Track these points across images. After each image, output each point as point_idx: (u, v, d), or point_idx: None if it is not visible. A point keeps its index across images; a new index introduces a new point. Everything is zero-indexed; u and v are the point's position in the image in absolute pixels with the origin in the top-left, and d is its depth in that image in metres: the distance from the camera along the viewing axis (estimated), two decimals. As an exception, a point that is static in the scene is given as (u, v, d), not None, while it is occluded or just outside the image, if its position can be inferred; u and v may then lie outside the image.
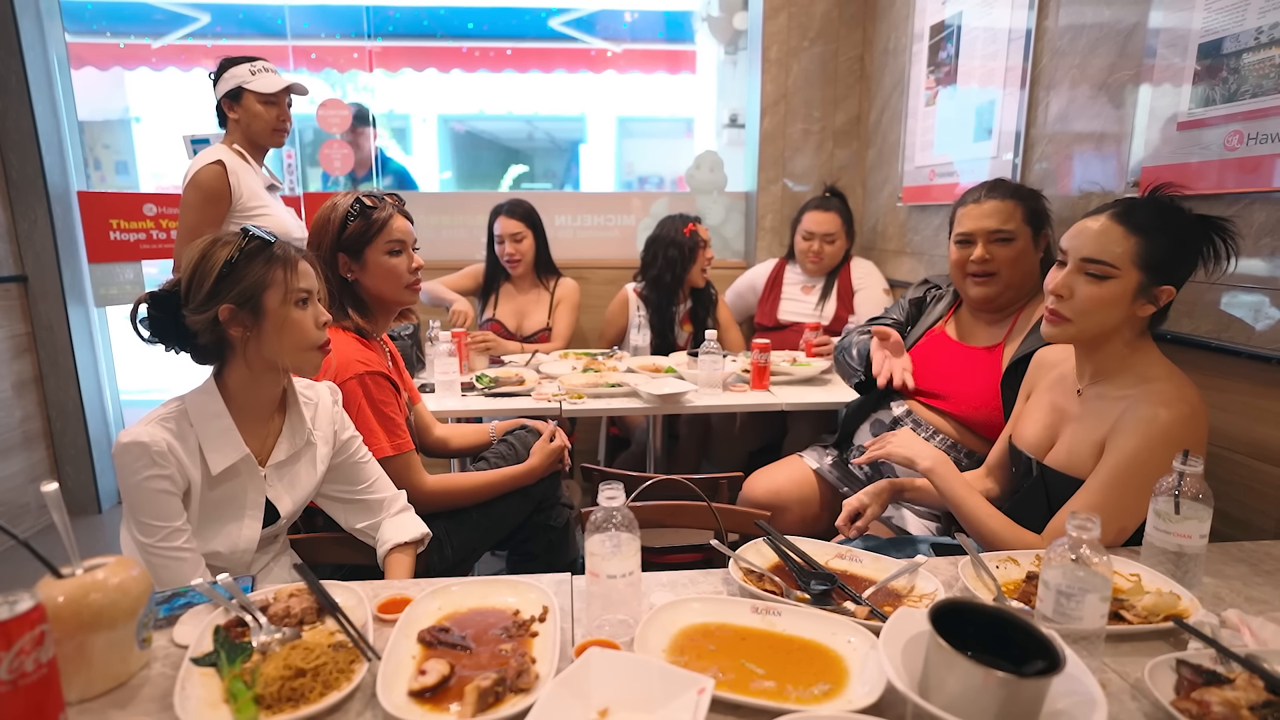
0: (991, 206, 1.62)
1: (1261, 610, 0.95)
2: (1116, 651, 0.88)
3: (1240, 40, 1.35)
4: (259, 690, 0.76)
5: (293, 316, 1.16)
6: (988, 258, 1.61)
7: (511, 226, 2.68)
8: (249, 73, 2.14)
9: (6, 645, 0.66)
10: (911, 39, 2.65)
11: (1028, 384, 1.41)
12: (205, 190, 2.07)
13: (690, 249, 2.63)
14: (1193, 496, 0.98)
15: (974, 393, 1.62)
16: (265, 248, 1.14)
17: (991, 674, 0.68)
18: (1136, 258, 1.13)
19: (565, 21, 4.27)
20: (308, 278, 1.19)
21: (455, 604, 0.97)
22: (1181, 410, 1.10)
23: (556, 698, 0.74)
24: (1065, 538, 0.84)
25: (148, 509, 1.08)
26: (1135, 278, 1.13)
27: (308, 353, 1.19)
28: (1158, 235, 1.12)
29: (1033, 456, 1.30)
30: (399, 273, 1.55)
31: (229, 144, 2.18)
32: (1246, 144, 1.35)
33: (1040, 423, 1.32)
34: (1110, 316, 1.16)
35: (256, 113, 2.16)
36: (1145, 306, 1.15)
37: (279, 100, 2.19)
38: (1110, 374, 1.21)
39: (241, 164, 2.15)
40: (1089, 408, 1.22)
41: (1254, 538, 1.30)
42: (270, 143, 2.24)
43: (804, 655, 0.86)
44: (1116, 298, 1.14)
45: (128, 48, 3.99)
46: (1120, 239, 1.13)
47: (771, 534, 1.14)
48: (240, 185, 2.11)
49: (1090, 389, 1.23)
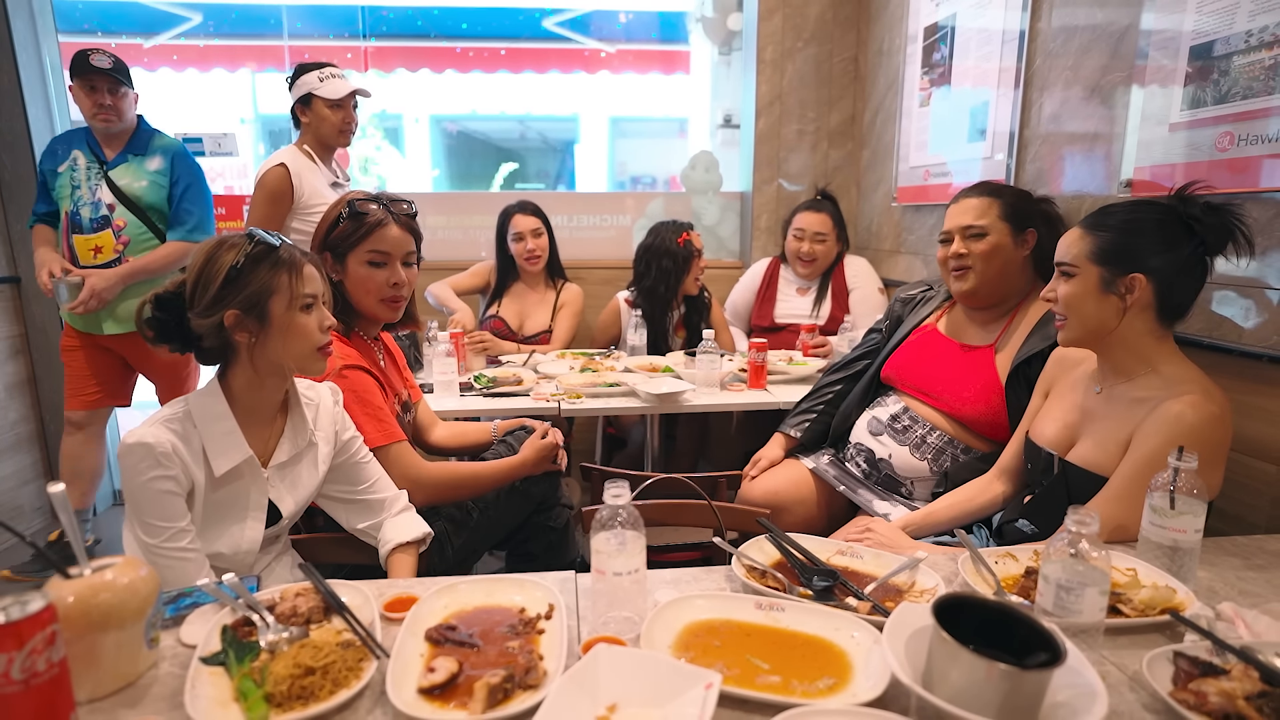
0: (968, 204, 1.68)
1: (1255, 603, 0.97)
2: (1114, 644, 0.89)
3: (1231, 43, 1.37)
4: (269, 689, 0.77)
5: (297, 322, 1.16)
6: (962, 252, 1.66)
7: (530, 223, 2.68)
8: (317, 79, 2.33)
9: (19, 645, 0.66)
10: (906, 40, 2.67)
11: (1045, 381, 1.44)
12: (269, 190, 2.27)
13: (685, 259, 2.62)
14: (1188, 492, 1.00)
15: (968, 392, 1.64)
16: (271, 252, 1.14)
17: (994, 666, 0.70)
18: (1090, 254, 1.22)
19: (559, 22, 4.28)
20: (313, 282, 1.19)
21: (461, 602, 0.97)
22: (1209, 411, 1.12)
23: (565, 693, 0.74)
24: (1065, 532, 0.85)
25: (152, 510, 1.08)
26: (1094, 272, 1.21)
27: (312, 357, 1.20)
28: (1106, 230, 1.22)
29: (1054, 453, 1.32)
30: (374, 284, 1.49)
31: (299, 145, 2.38)
32: (1237, 145, 1.37)
33: (1060, 420, 1.34)
34: (1093, 311, 1.22)
35: (324, 116, 2.35)
36: (1117, 299, 1.20)
37: (345, 104, 2.36)
38: (1130, 373, 1.23)
39: (307, 164, 2.35)
40: (1112, 407, 1.24)
41: (1245, 532, 1.32)
42: (337, 143, 2.43)
43: (808, 650, 0.87)
44: (1085, 292, 1.22)
45: (119, 48, 3.96)
46: (1078, 239, 1.24)
47: (774, 531, 1.15)
48: (302, 185, 2.30)
49: (1111, 388, 1.26)
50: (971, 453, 1.65)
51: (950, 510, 1.49)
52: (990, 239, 1.64)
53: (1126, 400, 1.22)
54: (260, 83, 4.88)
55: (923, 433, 1.69)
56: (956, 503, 1.50)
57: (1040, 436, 1.36)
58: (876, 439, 1.75)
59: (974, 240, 1.65)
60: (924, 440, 1.68)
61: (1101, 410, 1.26)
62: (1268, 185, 1.32)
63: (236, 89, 4.64)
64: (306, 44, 3.90)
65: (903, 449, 1.70)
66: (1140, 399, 1.19)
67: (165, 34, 3.94)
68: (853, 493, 1.75)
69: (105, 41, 3.91)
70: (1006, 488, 1.47)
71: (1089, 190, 1.78)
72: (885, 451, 1.72)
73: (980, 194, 1.68)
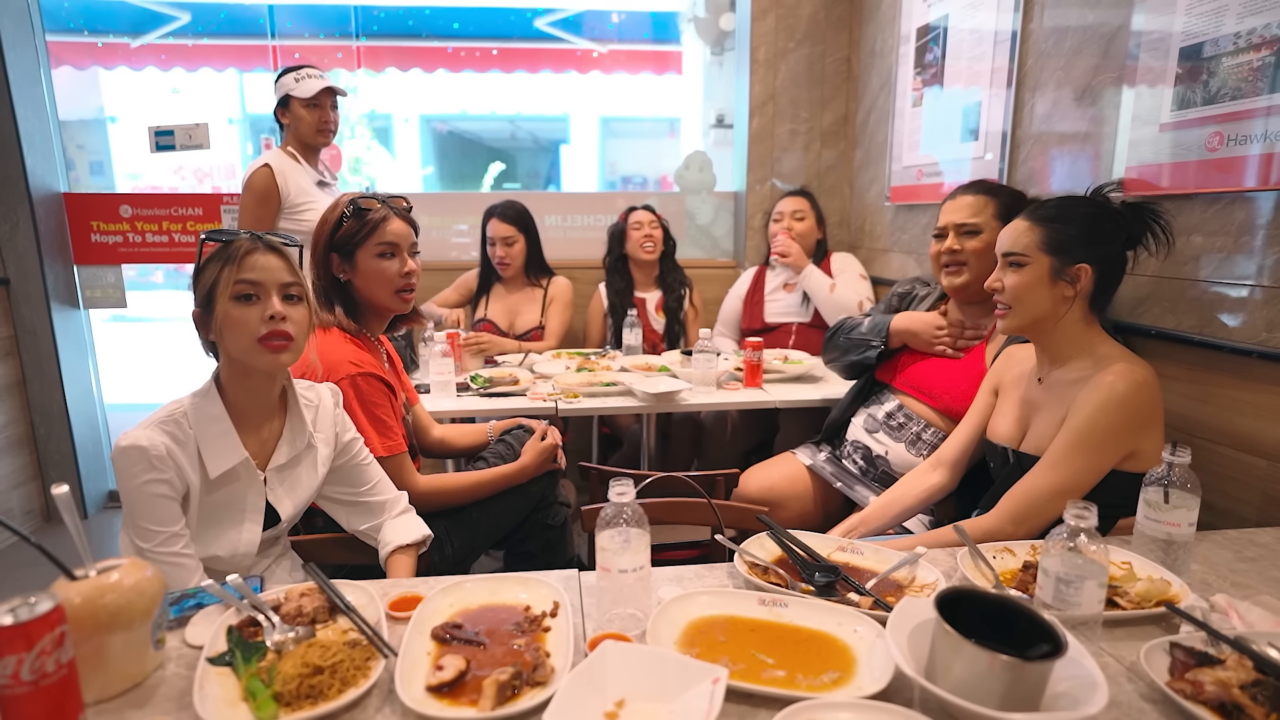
0: (963, 201, 1.71)
1: (1246, 595, 0.98)
2: (1111, 636, 0.91)
3: (1220, 44, 1.39)
4: (277, 688, 0.77)
5: (231, 314, 1.11)
6: (957, 249, 1.70)
7: (503, 230, 2.69)
8: (293, 80, 2.35)
9: (28, 646, 0.66)
10: (898, 40, 2.69)
11: (994, 378, 1.49)
12: (255, 192, 2.30)
13: (620, 231, 2.88)
14: (1181, 486, 1.01)
15: (961, 387, 1.67)
16: (225, 247, 1.14)
17: (997, 658, 0.71)
18: (1043, 244, 1.28)
19: (551, 22, 4.28)
20: (255, 269, 1.12)
21: (467, 601, 0.98)
22: (1138, 376, 1.20)
23: (574, 690, 0.75)
24: (1064, 526, 0.86)
25: (146, 514, 1.08)
26: (1046, 261, 1.27)
27: (251, 349, 1.12)
28: (1058, 223, 1.28)
29: (1008, 446, 1.37)
30: (387, 276, 1.52)
31: (284, 147, 2.41)
32: (1227, 145, 1.39)
33: (1010, 415, 1.40)
34: (1039, 300, 1.29)
35: (301, 116, 2.37)
36: (1066, 287, 1.27)
37: (321, 103, 2.37)
38: (1065, 358, 1.31)
39: (292, 164, 2.37)
40: (1052, 393, 1.31)
41: (1235, 526, 1.34)
42: (317, 142, 2.43)
43: (812, 645, 0.88)
44: (1035, 281, 1.28)
45: (106, 46, 3.93)
46: (1027, 230, 1.30)
47: (774, 528, 1.16)
48: (288, 184, 2.32)
49: (1050, 376, 1.33)
50: None
51: (884, 511, 1.52)
52: (984, 236, 1.66)
53: (1064, 384, 1.29)
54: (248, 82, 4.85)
55: (917, 429, 1.71)
56: (890, 502, 1.53)
57: (996, 434, 1.42)
58: (872, 436, 1.77)
59: (968, 237, 1.68)
60: (919, 437, 1.70)
61: (1043, 398, 1.33)
62: (1256, 185, 1.34)
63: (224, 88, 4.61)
64: (297, 44, 3.88)
65: (899, 445, 1.72)
66: (1075, 380, 1.27)
67: (153, 33, 3.91)
68: (849, 489, 1.77)
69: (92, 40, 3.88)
70: (944, 479, 1.51)
71: (1082, 189, 1.80)
72: (882, 448, 1.74)
73: (976, 192, 1.71)
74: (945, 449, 1.53)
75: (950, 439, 1.53)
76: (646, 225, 2.84)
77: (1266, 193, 1.33)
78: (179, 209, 3.09)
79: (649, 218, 2.85)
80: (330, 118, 2.41)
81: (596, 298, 2.94)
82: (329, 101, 2.40)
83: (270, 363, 1.14)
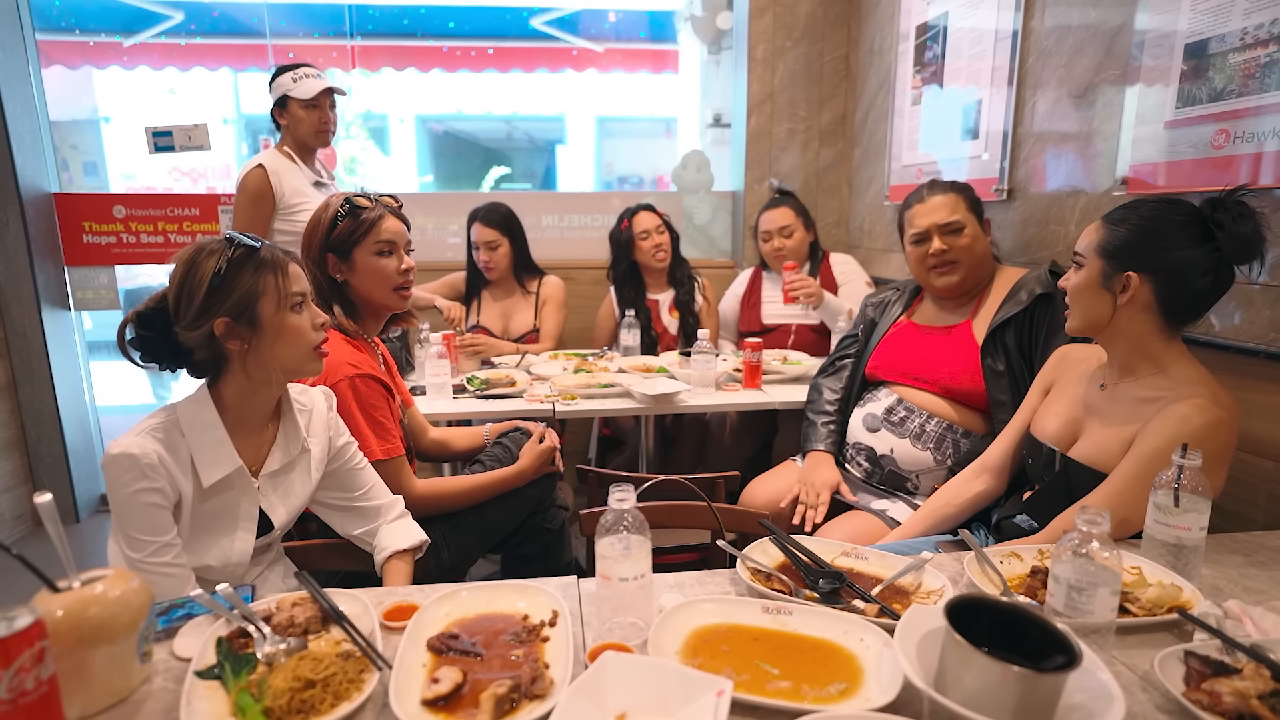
0: (938, 202, 1.73)
1: (1259, 600, 0.97)
2: (1123, 644, 0.89)
3: (1225, 41, 1.38)
4: (268, 703, 0.75)
5: (290, 323, 1.13)
6: (945, 248, 1.70)
7: (486, 234, 2.64)
8: (291, 80, 2.31)
9: (6, 663, 0.64)
10: (897, 39, 2.68)
11: (1047, 377, 1.43)
12: (250, 193, 2.27)
13: (625, 242, 2.78)
14: (1192, 490, 0.99)
15: (956, 366, 1.68)
16: (252, 254, 1.11)
17: (1009, 669, 0.69)
18: (1099, 246, 1.22)
19: (547, 21, 4.26)
20: (299, 280, 1.17)
21: (463, 610, 0.95)
22: (1215, 415, 1.11)
23: (574, 703, 0.73)
24: (1075, 532, 0.84)
25: (137, 523, 1.05)
26: (1097, 265, 1.22)
27: (308, 357, 1.17)
28: (1119, 226, 1.21)
29: (1056, 449, 1.31)
30: (386, 274, 1.51)
31: (279, 148, 2.38)
32: (1233, 142, 1.38)
33: (1062, 416, 1.33)
34: (1091, 304, 1.23)
35: (300, 117, 2.34)
36: (1109, 295, 1.20)
37: (320, 104, 2.34)
38: (1136, 371, 1.23)
39: (287, 165, 2.34)
40: (1116, 404, 1.23)
41: (1244, 529, 1.32)
42: (315, 143, 2.40)
43: (818, 655, 0.86)
44: (1086, 284, 1.23)
45: (98, 46, 3.90)
46: (1095, 230, 1.24)
47: (777, 533, 1.14)
48: (282, 185, 2.29)
49: (1116, 385, 1.25)
50: (972, 437, 1.65)
51: (927, 521, 1.46)
52: (969, 231, 1.71)
53: (1131, 399, 1.21)
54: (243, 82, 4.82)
55: (920, 421, 1.69)
56: (932, 511, 1.47)
57: (1041, 432, 1.35)
58: (875, 435, 1.75)
59: (954, 235, 1.71)
60: (923, 429, 1.68)
61: (1106, 407, 1.25)
62: (1262, 183, 1.33)
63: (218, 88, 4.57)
64: (291, 43, 3.86)
65: (903, 441, 1.70)
66: (1146, 399, 1.19)
67: (145, 32, 3.87)
68: (852, 494, 1.75)
69: (83, 39, 3.84)
70: (990, 485, 1.45)
71: (1084, 187, 1.79)
72: (886, 447, 1.72)
73: (946, 191, 1.74)
74: (990, 454, 1.47)
75: (995, 443, 1.47)
76: (654, 233, 2.75)
77: (1273, 190, 1.32)
78: (175, 209, 3.05)
79: (654, 222, 2.76)
80: (329, 118, 2.38)
81: (607, 302, 2.88)
82: (328, 102, 2.37)
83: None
